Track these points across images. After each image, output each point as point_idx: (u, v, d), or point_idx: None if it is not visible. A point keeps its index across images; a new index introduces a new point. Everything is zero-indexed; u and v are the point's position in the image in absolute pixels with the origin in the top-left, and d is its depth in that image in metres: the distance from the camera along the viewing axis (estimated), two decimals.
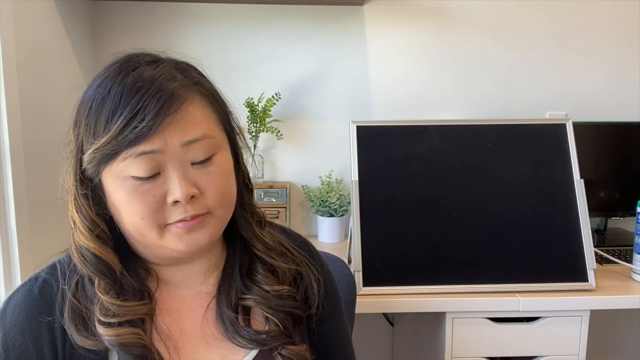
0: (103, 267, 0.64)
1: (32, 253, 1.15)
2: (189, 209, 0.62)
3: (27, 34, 1.21)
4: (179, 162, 0.61)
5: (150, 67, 0.63)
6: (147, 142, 0.59)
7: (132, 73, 0.61)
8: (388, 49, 1.73)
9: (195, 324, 0.70)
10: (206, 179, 0.63)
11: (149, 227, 0.62)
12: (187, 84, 0.63)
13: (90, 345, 0.63)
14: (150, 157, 0.60)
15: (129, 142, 0.58)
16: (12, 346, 0.64)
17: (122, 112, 0.58)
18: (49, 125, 1.32)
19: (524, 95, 1.76)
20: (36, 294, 0.65)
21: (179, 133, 0.61)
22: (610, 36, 1.75)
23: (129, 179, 0.61)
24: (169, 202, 0.61)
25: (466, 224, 1.33)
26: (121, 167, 0.60)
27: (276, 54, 1.71)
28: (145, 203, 0.61)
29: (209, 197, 0.63)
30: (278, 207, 1.68)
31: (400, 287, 1.27)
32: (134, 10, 1.66)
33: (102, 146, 0.59)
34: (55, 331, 0.64)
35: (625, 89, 1.77)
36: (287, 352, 0.69)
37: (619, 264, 1.43)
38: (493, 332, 1.28)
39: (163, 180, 0.61)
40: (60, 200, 0.67)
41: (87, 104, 0.62)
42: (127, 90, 0.60)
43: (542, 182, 1.36)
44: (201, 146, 0.62)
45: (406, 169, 1.36)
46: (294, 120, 1.74)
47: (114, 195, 0.62)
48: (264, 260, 0.72)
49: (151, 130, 0.59)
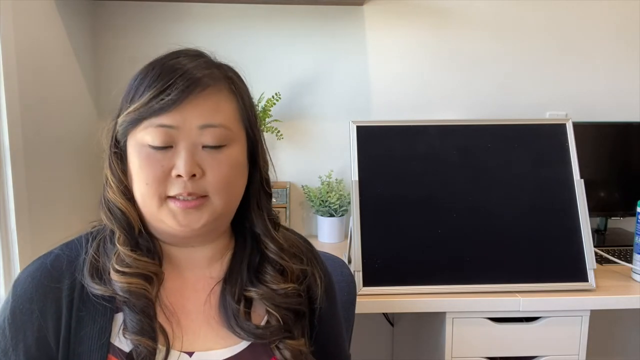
0: (125, 222, 0.70)
1: (32, 253, 1.15)
2: (188, 185, 0.66)
3: (27, 34, 1.21)
4: (191, 141, 0.67)
5: (190, 58, 0.70)
6: (167, 116, 0.66)
7: (175, 59, 0.69)
8: (388, 49, 1.73)
9: (198, 304, 0.73)
10: (212, 163, 0.68)
11: (151, 195, 0.67)
12: (218, 76, 0.70)
13: (102, 291, 0.68)
14: (167, 130, 0.66)
15: (152, 112, 0.66)
16: (20, 312, 0.68)
17: (155, 86, 0.66)
18: (49, 125, 1.32)
19: (524, 95, 1.76)
20: (48, 266, 0.71)
21: (198, 115, 0.67)
22: (610, 36, 1.75)
23: (145, 146, 0.67)
24: (172, 175, 0.67)
25: (466, 224, 1.33)
26: (142, 134, 0.67)
27: (276, 54, 1.71)
28: (153, 170, 0.67)
29: (209, 180, 0.68)
30: (278, 207, 1.68)
31: (400, 287, 1.27)
32: (134, 10, 1.66)
33: (132, 111, 0.67)
34: (61, 300, 0.69)
35: (625, 89, 1.77)
36: (284, 346, 0.72)
37: (619, 264, 1.43)
38: (493, 332, 1.28)
39: (173, 154, 0.67)
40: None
41: (133, 78, 0.71)
42: (166, 70, 0.67)
43: (542, 182, 1.36)
44: (216, 133, 0.68)
45: (406, 169, 1.36)
46: (294, 120, 1.74)
47: (132, 160, 0.69)
48: (274, 261, 0.75)
49: (173, 105, 0.65)
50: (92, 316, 0.68)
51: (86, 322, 0.68)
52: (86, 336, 0.67)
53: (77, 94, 1.54)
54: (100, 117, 1.66)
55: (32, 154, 1.20)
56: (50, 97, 1.33)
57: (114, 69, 1.66)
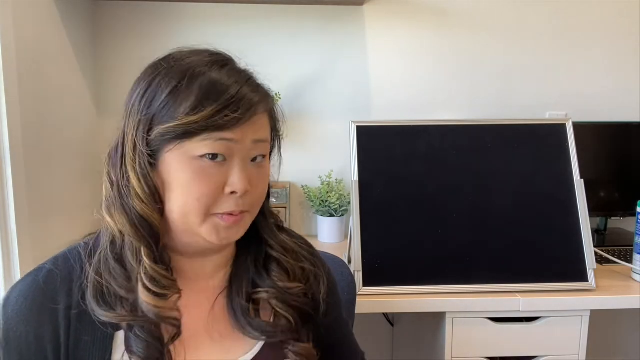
0: (154, 237, 0.65)
1: (32, 253, 1.15)
2: (240, 203, 0.65)
3: (27, 34, 1.21)
4: (244, 155, 0.66)
5: (235, 68, 0.70)
6: (231, 131, 0.63)
7: (222, 69, 0.67)
8: (388, 49, 1.73)
9: (201, 318, 0.71)
10: (257, 178, 0.68)
11: (198, 210, 0.64)
12: (269, 93, 0.71)
13: (110, 318, 0.64)
14: (227, 144, 0.64)
15: (216, 127, 0.62)
16: (13, 335, 0.64)
17: (218, 99, 0.63)
18: (49, 125, 1.32)
19: (524, 95, 1.76)
20: (41, 284, 0.66)
21: (254, 131, 0.66)
22: (610, 36, 1.75)
23: (198, 159, 0.63)
24: (226, 191, 0.65)
25: (466, 224, 1.33)
26: (195, 146, 0.63)
27: (276, 54, 1.71)
28: (207, 186, 0.64)
29: (254, 195, 0.68)
30: (278, 207, 1.68)
31: (400, 287, 1.27)
32: (135, 10, 1.65)
33: (186, 123, 0.62)
34: (58, 320, 0.65)
35: (625, 89, 1.77)
36: (297, 349, 0.71)
37: (619, 264, 1.43)
38: (493, 332, 1.28)
39: (227, 169, 0.65)
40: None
41: (171, 79, 0.64)
42: (221, 82, 0.64)
43: (542, 182, 1.36)
44: (262, 147, 0.69)
45: (406, 169, 1.36)
46: (294, 120, 1.74)
47: (174, 173, 0.64)
48: (279, 261, 0.74)
49: (239, 122, 0.64)
50: (91, 336, 0.65)
51: (85, 343, 0.65)
52: (86, 357, 0.64)
53: (77, 94, 1.54)
54: (100, 117, 1.66)
55: (32, 154, 1.20)
56: (50, 97, 1.33)
57: (114, 69, 1.66)
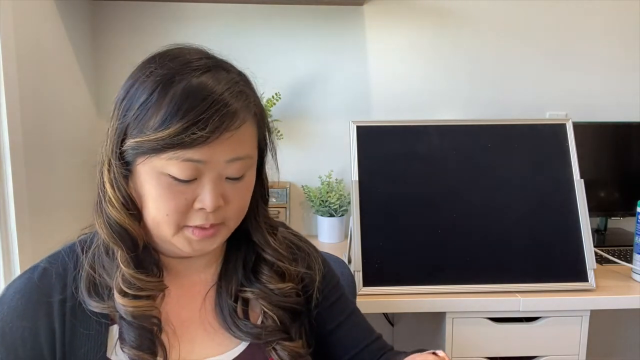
0: (130, 241, 0.66)
1: (32, 253, 1.15)
2: (210, 217, 0.64)
3: (27, 34, 1.21)
4: (217, 174, 0.63)
5: (217, 75, 0.63)
6: (197, 151, 0.60)
7: (201, 76, 0.62)
8: (388, 49, 1.73)
9: (193, 311, 0.72)
10: (234, 193, 0.66)
11: (169, 224, 0.64)
12: (249, 104, 0.65)
13: (100, 308, 0.65)
14: (195, 165, 0.61)
15: (181, 145, 0.59)
16: (9, 330, 0.65)
17: (185, 116, 0.59)
18: (49, 125, 1.32)
19: (524, 95, 1.76)
20: (36, 281, 0.67)
21: (227, 151, 0.62)
22: (610, 36, 1.75)
23: (166, 176, 0.62)
24: (195, 207, 0.64)
25: (466, 224, 1.33)
26: (163, 163, 0.61)
27: (276, 54, 1.71)
28: (175, 203, 0.63)
29: (231, 209, 0.66)
30: (278, 207, 1.68)
31: (400, 287, 1.27)
32: (134, 10, 1.66)
33: (154, 140, 0.60)
34: (53, 313, 0.65)
35: (625, 89, 1.77)
36: (281, 348, 0.71)
37: (619, 264, 1.43)
38: (493, 332, 1.28)
39: (197, 186, 0.63)
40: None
41: (145, 89, 0.62)
42: (194, 94, 0.60)
43: (542, 182, 1.36)
44: (241, 165, 0.65)
45: (406, 169, 1.36)
46: (294, 120, 1.74)
47: (145, 185, 0.64)
48: (271, 262, 0.74)
49: (206, 142, 0.60)
50: (86, 331, 0.65)
51: (80, 337, 0.65)
52: (81, 352, 0.65)
53: (77, 94, 1.54)
54: (100, 117, 1.66)
55: (32, 154, 1.20)
56: (50, 97, 1.33)
57: (114, 69, 1.66)
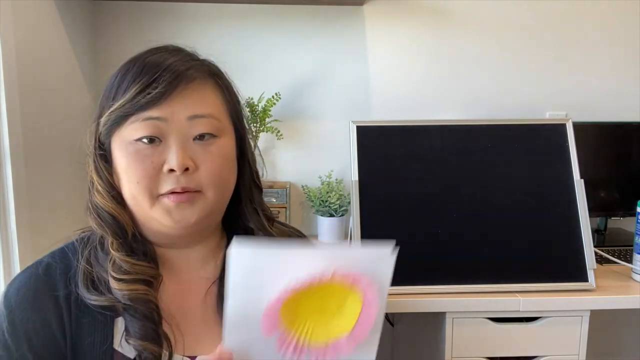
0: (117, 227, 0.68)
1: (32, 253, 1.15)
2: (182, 180, 0.65)
3: (27, 34, 1.21)
4: (181, 134, 0.65)
5: (171, 53, 0.69)
6: (156, 109, 0.64)
7: (156, 55, 0.68)
8: (388, 48, 1.73)
9: (195, 306, 0.72)
10: (204, 156, 0.66)
11: (142, 193, 0.65)
12: (202, 69, 0.69)
13: (101, 301, 0.66)
14: (155, 123, 0.64)
15: (139, 107, 0.64)
16: (19, 322, 0.65)
17: (140, 80, 0.64)
18: (49, 125, 1.32)
19: (524, 95, 1.76)
20: (41, 274, 0.68)
21: (186, 106, 0.65)
22: (610, 36, 1.75)
23: (133, 143, 0.65)
24: (164, 170, 0.65)
25: (466, 224, 1.33)
26: (128, 130, 0.65)
27: (276, 54, 1.71)
28: (143, 167, 0.65)
29: (203, 173, 0.66)
30: (278, 207, 1.67)
31: (400, 287, 1.27)
32: (135, 10, 1.65)
33: (116, 109, 0.65)
34: (60, 303, 0.66)
35: (625, 89, 1.77)
36: None
37: (619, 264, 1.43)
38: (493, 332, 1.28)
39: (163, 149, 0.65)
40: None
41: (112, 77, 0.69)
42: (149, 65, 0.66)
43: (542, 182, 1.36)
44: (205, 123, 0.66)
45: (406, 169, 1.36)
46: (294, 120, 1.74)
47: (118, 160, 0.67)
48: None
49: (161, 98, 0.64)
50: (92, 324, 0.66)
51: (86, 330, 0.66)
52: (87, 345, 0.65)
53: (77, 94, 1.54)
54: None
55: (32, 154, 1.20)
56: (50, 97, 1.33)
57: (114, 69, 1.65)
